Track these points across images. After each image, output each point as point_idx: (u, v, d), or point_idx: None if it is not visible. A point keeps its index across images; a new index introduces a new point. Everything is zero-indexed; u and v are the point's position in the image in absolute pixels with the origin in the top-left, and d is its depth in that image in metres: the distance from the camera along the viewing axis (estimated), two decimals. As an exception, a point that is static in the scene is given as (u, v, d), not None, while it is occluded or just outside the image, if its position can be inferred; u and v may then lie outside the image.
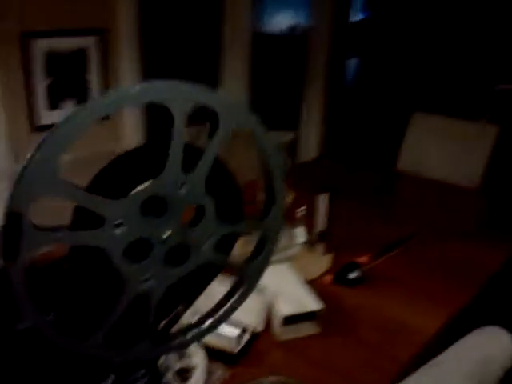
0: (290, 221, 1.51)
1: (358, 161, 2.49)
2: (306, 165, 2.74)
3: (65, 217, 0.58)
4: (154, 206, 0.59)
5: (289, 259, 1.41)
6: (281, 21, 4.54)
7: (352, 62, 4.44)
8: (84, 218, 0.57)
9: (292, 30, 4.51)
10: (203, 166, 0.61)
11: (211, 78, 3.01)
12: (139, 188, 0.59)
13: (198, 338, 0.73)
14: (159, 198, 0.59)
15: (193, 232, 0.64)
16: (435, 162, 2.22)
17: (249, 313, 1.10)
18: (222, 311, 0.73)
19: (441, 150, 2.23)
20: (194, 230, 0.64)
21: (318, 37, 3.53)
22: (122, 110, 2.20)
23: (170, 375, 0.97)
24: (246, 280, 0.75)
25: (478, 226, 1.85)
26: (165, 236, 0.60)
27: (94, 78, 2.32)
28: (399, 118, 2.56)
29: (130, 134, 2.52)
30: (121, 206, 0.57)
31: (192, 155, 0.61)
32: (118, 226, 0.57)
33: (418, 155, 2.28)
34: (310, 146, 3.66)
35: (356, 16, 4.25)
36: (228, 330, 1.06)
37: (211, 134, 0.61)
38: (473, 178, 2.12)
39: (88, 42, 2.28)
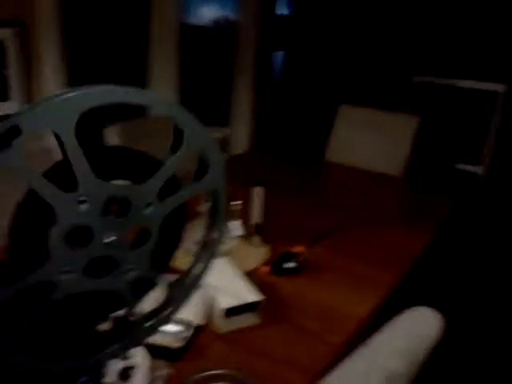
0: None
1: (289, 153, 2.55)
2: (237, 158, 2.76)
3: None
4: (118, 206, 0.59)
5: (226, 252, 1.43)
6: (208, 12, 4.52)
7: (279, 56, 4.51)
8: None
9: (219, 22, 4.50)
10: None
11: (139, 73, 2.94)
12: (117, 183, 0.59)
13: (141, 339, 0.74)
14: (125, 200, 0.59)
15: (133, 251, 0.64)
16: (362, 151, 2.33)
17: (190, 308, 1.11)
18: (166, 312, 0.74)
19: (367, 141, 2.34)
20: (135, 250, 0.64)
21: (246, 30, 3.55)
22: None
23: (112, 375, 0.96)
24: (188, 280, 0.76)
25: (403, 212, 1.97)
26: (107, 240, 0.60)
27: (13, 74, 2.20)
28: (327, 109, 2.65)
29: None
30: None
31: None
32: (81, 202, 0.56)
33: (345, 146, 2.38)
34: (241, 141, 3.69)
35: (282, 10, 4.31)
36: (170, 327, 1.06)
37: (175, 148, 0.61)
38: (397, 167, 2.25)
39: (5, 34, 2.16)
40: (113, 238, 0.59)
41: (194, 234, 0.99)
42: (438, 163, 3.96)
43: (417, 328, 0.79)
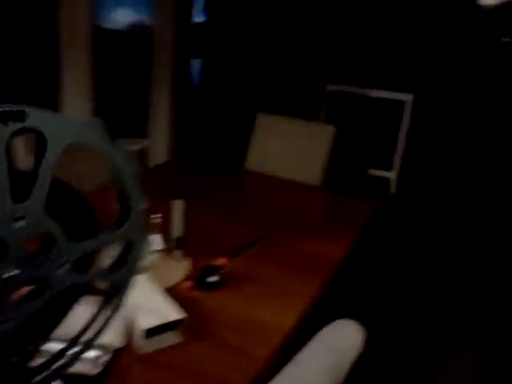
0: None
1: (209, 163, 2.53)
2: (156, 170, 2.69)
3: None
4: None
5: (146, 268, 1.37)
6: (123, 16, 4.38)
7: (197, 64, 4.47)
8: None
9: (135, 26, 4.38)
10: (39, 192, 0.56)
11: (48, 81, 2.76)
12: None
13: (63, 369, 0.68)
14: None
15: (44, 263, 0.58)
16: (280, 160, 2.35)
17: (108, 331, 1.05)
18: (89, 333, 0.68)
19: (285, 149, 2.37)
20: (44, 260, 0.59)
21: (162, 36, 3.49)
22: None
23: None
24: (114, 295, 0.71)
25: (324, 220, 2.01)
26: (6, 275, 0.54)
27: None
28: (246, 118, 2.66)
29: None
30: None
31: (23, 182, 0.55)
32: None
33: (264, 155, 2.40)
34: (160, 151, 3.61)
35: (198, 17, 4.28)
36: (85, 353, 0.99)
37: (39, 158, 0.55)
38: (315, 175, 2.29)
39: None
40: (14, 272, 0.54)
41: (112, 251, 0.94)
42: (354, 170, 4.12)
43: (341, 341, 0.80)
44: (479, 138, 4.19)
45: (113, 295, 0.71)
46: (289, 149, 2.36)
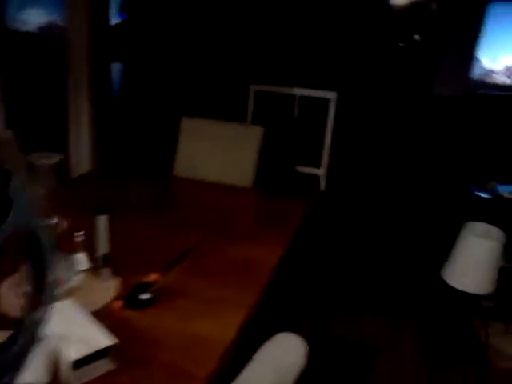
0: (69, 248, 1.37)
1: (136, 171, 2.41)
2: (79, 181, 2.54)
3: None
4: None
5: (71, 291, 1.27)
6: (34, 17, 4.12)
7: (117, 68, 4.29)
8: None
9: (46, 28, 4.14)
10: None
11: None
12: None
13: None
14: None
15: None
16: (209, 164, 2.29)
17: (29, 367, 0.95)
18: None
19: (213, 152, 2.31)
20: None
21: (76, 38, 3.30)
22: None
23: None
24: (25, 330, 0.63)
25: (256, 223, 1.97)
26: None
27: None
28: (172, 122, 2.57)
29: None
30: None
31: None
32: None
33: (192, 159, 2.32)
34: (83, 162, 3.42)
35: (114, 19, 4.10)
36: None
37: None
38: (246, 177, 2.25)
39: None
40: None
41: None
42: (283, 168, 4.13)
43: (283, 358, 0.76)
44: (399, 132, 4.36)
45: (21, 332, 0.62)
46: (217, 152, 2.30)
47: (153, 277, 1.37)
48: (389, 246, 3.41)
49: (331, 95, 4.00)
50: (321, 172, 4.22)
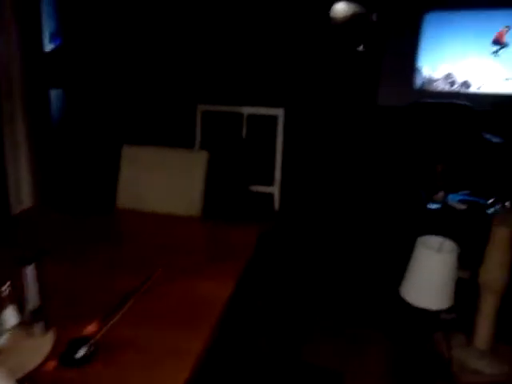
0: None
1: (79, 205, 2.27)
2: (17, 218, 2.37)
3: None
4: None
5: (-3, 355, 1.14)
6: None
7: (56, 95, 4.11)
8: None
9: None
10: None
11: None
12: None
13: None
14: None
15: None
16: (155, 194, 2.18)
17: None
18: None
19: (158, 181, 2.21)
20: None
21: (8, 66, 3.13)
22: None
23: None
24: None
25: (206, 256, 1.87)
26: None
27: None
28: (113, 152, 2.45)
29: None
30: None
31: None
32: None
33: (136, 189, 2.21)
34: (23, 199, 3.22)
35: (48, 44, 3.93)
36: None
37: None
38: (193, 205, 2.16)
39: None
40: None
41: None
42: (236, 189, 4.06)
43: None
44: (347, 144, 4.38)
45: None
46: (161, 180, 2.20)
47: (91, 328, 1.25)
48: (349, 263, 3.38)
49: (278, 112, 3.97)
50: (274, 190, 4.17)
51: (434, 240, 1.95)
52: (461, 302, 2.02)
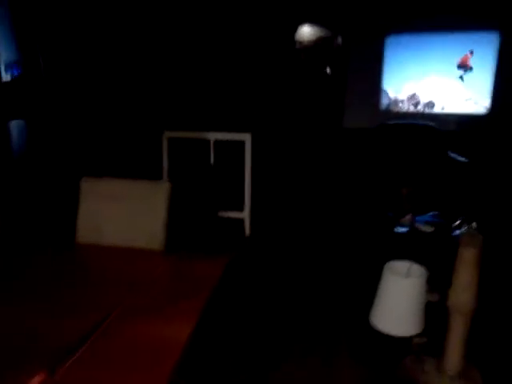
0: None
1: (35, 240, 2.18)
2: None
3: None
4: None
5: None
6: None
7: (17, 126, 3.99)
8: None
9: None
10: None
11: None
12: None
13: None
14: None
15: None
16: (115, 227, 2.11)
17: None
18: None
19: (118, 214, 2.13)
20: None
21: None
22: None
23: None
24: None
25: (168, 292, 1.78)
26: None
27: None
28: (71, 184, 2.37)
29: None
30: None
31: None
32: None
33: (96, 223, 2.13)
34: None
35: (5, 75, 3.84)
36: None
37: None
38: (156, 238, 2.09)
39: None
40: None
41: None
42: (203, 217, 4.00)
43: None
44: (313, 167, 4.39)
45: None
46: (122, 213, 2.12)
47: (38, 379, 1.16)
48: (320, 288, 3.34)
49: (246, 137, 3.96)
50: (245, 215, 4.13)
51: (402, 265, 1.92)
52: (432, 325, 1.99)
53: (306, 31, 5.09)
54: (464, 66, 4.65)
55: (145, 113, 4.11)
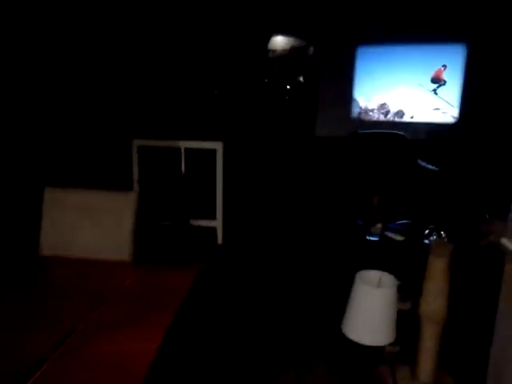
0: None
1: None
2: None
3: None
4: None
5: None
6: None
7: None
8: None
9: None
10: None
11: None
12: None
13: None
14: None
15: None
16: (80, 239, 2.04)
17: None
18: None
19: (83, 225, 2.06)
20: None
21: None
22: None
23: None
24: None
25: (137, 305, 1.72)
26: None
27: None
28: (34, 194, 2.29)
29: None
30: None
31: None
32: None
33: (60, 235, 2.06)
34: None
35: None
36: None
37: None
38: (122, 250, 2.03)
39: None
40: None
41: None
42: (174, 226, 3.94)
43: None
44: (286, 175, 4.39)
45: None
46: (87, 224, 2.06)
47: (-7, 403, 1.10)
48: (293, 297, 3.31)
49: (217, 145, 3.92)
50: (217, 223, 4.08)
51: (373, 274, 1.92)
52: (404, 333, 1.99)
53: (279, 41, 5.12)
54: (438, 81, 4.74)
55: (113, 120, 4.03)
